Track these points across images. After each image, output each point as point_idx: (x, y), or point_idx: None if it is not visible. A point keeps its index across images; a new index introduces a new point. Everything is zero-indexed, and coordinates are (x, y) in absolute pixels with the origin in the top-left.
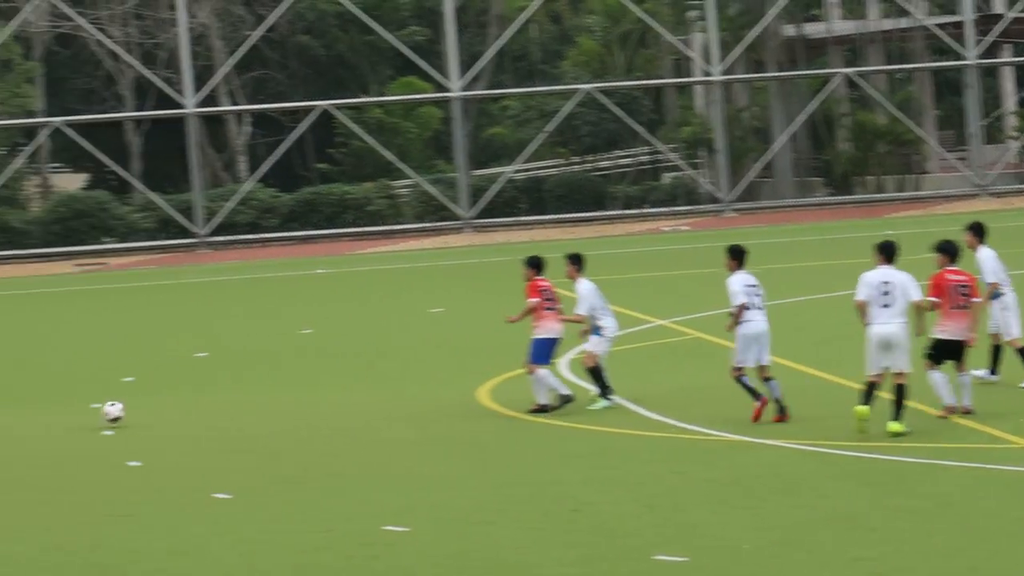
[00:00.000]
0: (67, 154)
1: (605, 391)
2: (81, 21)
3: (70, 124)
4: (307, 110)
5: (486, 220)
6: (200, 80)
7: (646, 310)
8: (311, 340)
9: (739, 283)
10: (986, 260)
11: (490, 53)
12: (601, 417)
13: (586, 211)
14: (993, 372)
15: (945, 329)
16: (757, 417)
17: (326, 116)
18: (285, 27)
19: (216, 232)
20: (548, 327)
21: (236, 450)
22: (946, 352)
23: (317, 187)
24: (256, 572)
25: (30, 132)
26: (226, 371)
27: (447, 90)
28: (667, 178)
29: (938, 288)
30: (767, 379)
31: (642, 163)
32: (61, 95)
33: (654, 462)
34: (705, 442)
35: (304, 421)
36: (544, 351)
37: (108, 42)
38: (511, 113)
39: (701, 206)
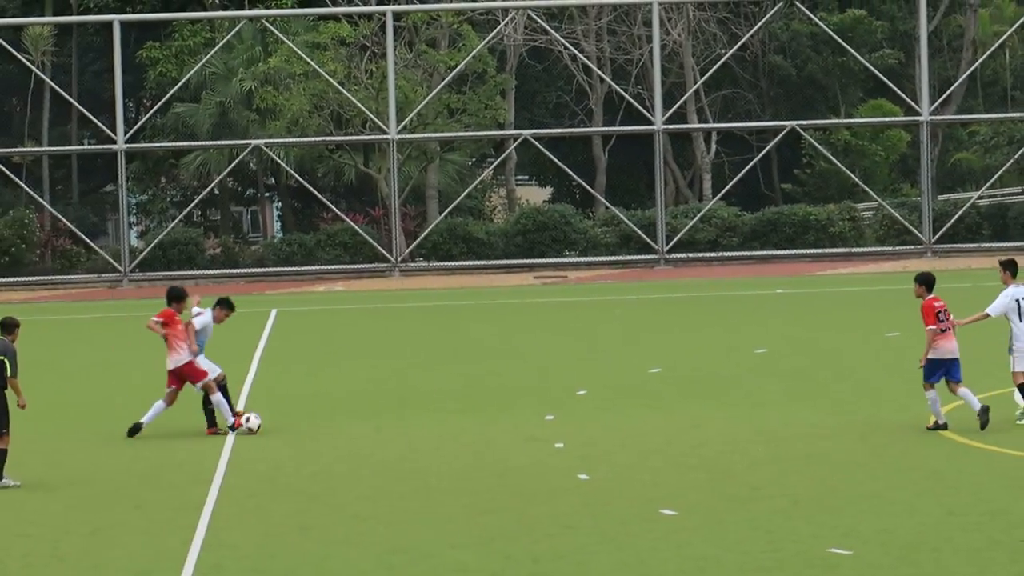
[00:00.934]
0: (533, 167)
1: None
2: (556, 35)
3: (538, 137)
4: (776, 130)
5: (948, 245)
6: (669, 97)
7: None
8: (765, 360)
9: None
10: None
11: (962, 78)
12: None
13: None
14: None
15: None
16: None
17: (793, 136)
18: (757, 46)
19: (676, 249)
20: (939, 347)
21: (685, 467)
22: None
23: (780, 207)
24: None
25: (498, 144)
26: (678, 388)
27: (917, 114)
28: None
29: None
30: None
31: None
32: (531, 108)
33: None
34: None
35: (752, 441)
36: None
37: (581, 57)
38: (979, 138)
39: None
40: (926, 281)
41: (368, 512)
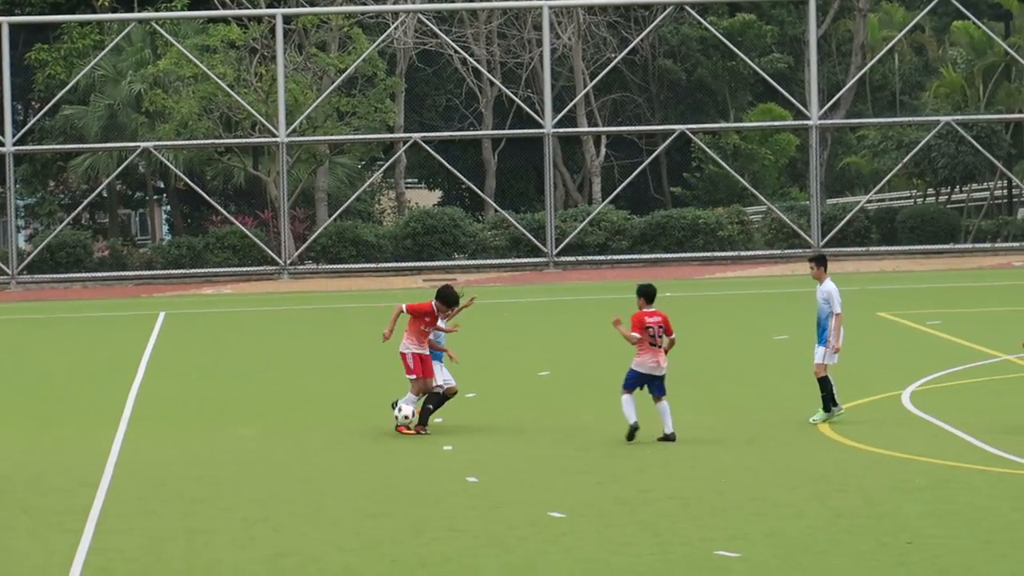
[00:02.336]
0: (422, 170)
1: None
2: (445, 39)
3: (428, 140)
4: (665, 134)
5: (837, 249)
6: (559, 100)
7: (992, 345)
8: None
9: None
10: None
11: (851, 82)
12: (942, 450)
13: (938, 243)
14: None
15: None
16: None
17: (682, 140)
18: (647, 50)
19: (565, 252)
20: (644, 361)
21: (574, 470)
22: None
23: (669, 211)
24: None
25: (388, 147)
26: (566, 391)
27: (806, 118)
28: (1021, 213)
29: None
30: None
31: (997, 197)
32: (420, 111)
33: (994, 497)
34: None
35: (640, 444)
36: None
37: (471, 60)
38: (868, 143)
39: None
40: (645, 294)
41: (256, 515)
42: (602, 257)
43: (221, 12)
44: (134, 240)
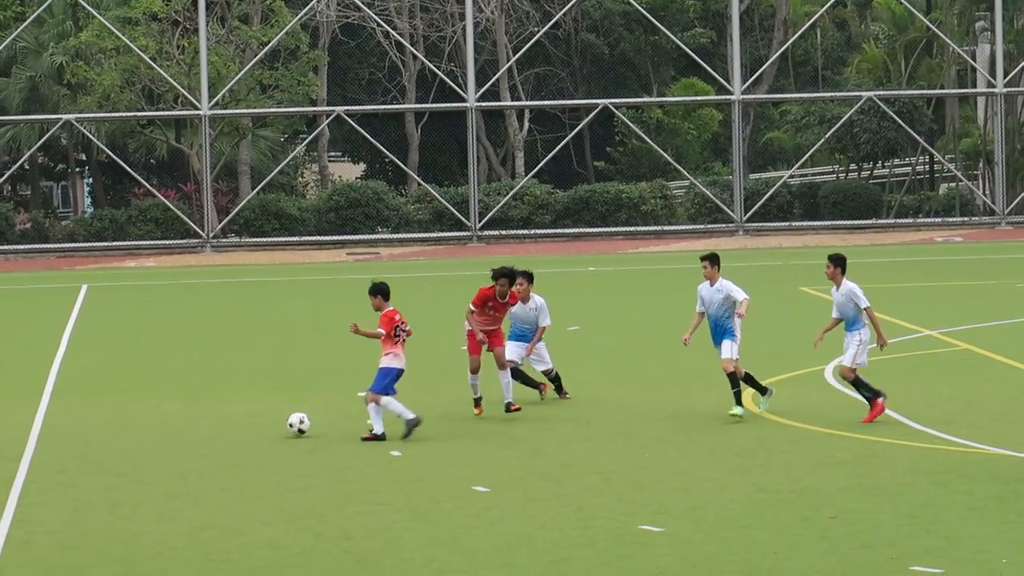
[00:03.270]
0: (345, 144)
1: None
2: (368, 12)
3: (351, 114)
4: (588, 108)
5: (759, 224)
6: (482, 74)
7: (915, 320)
8: (577, 337)
9: None
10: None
11: (773, 57)
12: (865, 426)
13: (860, 219)
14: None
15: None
16: None
17: (606, 114)
18: (570, 24)
19: (489, 226)
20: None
21: (497, 444)
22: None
23: (592, 185)
24: (511, 566)
25: (311, 121)
26: (489, 365)
27: (728, 93)
28: (943, 189)
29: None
30: None
31: (919, 173)
32: (344, 85)
33: (916, 472)
34: (969, 455)
35: (568, 417)
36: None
37: (394, 34)
38: (791, 118)
39: (976, 218)
40: (380, 291)
41: (178, 489)
42: (526, 231)
43: None
44: (56, 212)
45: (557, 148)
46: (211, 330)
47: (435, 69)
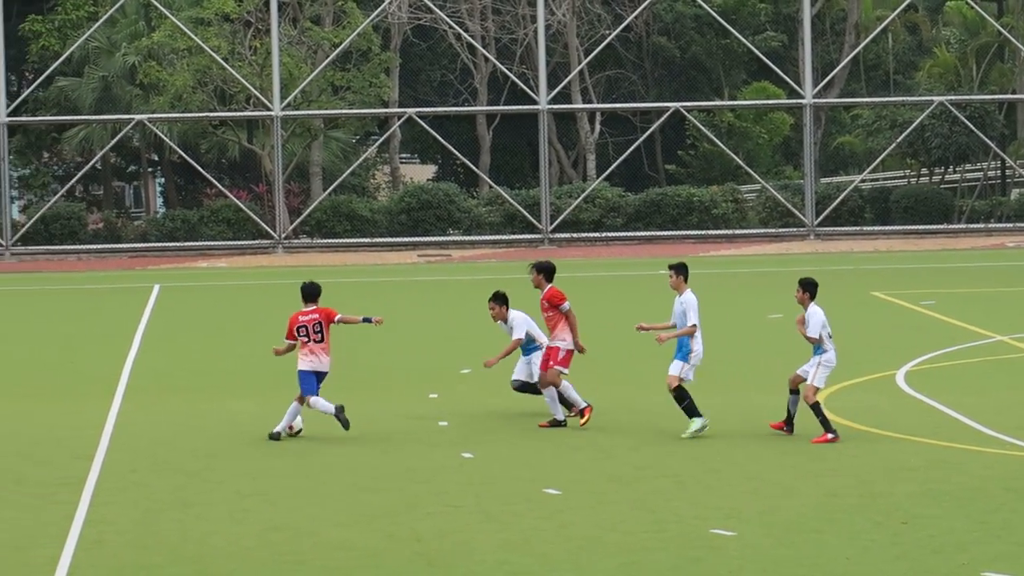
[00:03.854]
0: (417, 145)
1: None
2: (440, 14)
3: (422, 115)
4: (660, 111)
5: (831, 228)
6: (554, 77)
7: (987, 325)
8: (647, 339)
9: None
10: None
11: (845, 61)
12: (936, 431)
13: (932, 223)
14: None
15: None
16: None
17: (677, 118)
18: (642, 27)
19: (560, 229)
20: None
21: (569, 447)
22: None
23: (664, 188)
24: (582, 569)
25: (383, 122)
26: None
27: (800, 97)
28: (1015, 194)
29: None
30: None
31: (991, 178)
32: (415, 87)
33: (987, 478)
34: None
35: (636, 421)
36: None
37: (465, 35)
38: (862, 122)
39: None
40: (306, 293)
41: (250, 489)
42: (596, 234)
43: None
44: (128, 212)
45: (628, 151)
46: (283, 330)
47: (507, 71)
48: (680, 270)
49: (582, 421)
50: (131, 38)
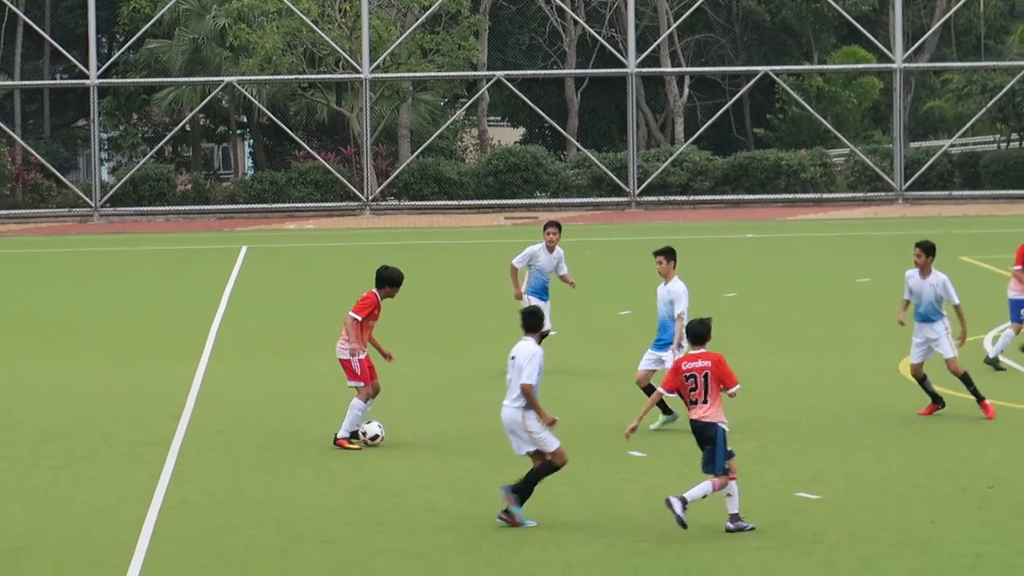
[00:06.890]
0: (505, 108)
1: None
2: None
3: (511, 78)
4: (748, 75)
5: (919, 192)
6: (643, 40)
7: None
8: (735, 304)
9: None
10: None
11: (936, 26)
12: (1023, 396)
13: (1021, 188)
14: None
15: None
16: None
17: (766, 81)
18: None
19: (647, 192)
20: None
21: (654, 409)
22: None
23: (752, 152)
24: (667, 531)
25: (471, 85)
26: (647, 331)
27: (890, 61)
28: None
29: None
30: None
31: None
32: (504, 50)
33: None
34: None
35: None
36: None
37: None
38: (952, 87)
39: None
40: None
41: (336, 450)
42: (684, 197)
43: None
44: (217, 174)
45: (717, 115)
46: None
47: (595, 35)
48: (669, 256)
49: None
50: (221, 1)
